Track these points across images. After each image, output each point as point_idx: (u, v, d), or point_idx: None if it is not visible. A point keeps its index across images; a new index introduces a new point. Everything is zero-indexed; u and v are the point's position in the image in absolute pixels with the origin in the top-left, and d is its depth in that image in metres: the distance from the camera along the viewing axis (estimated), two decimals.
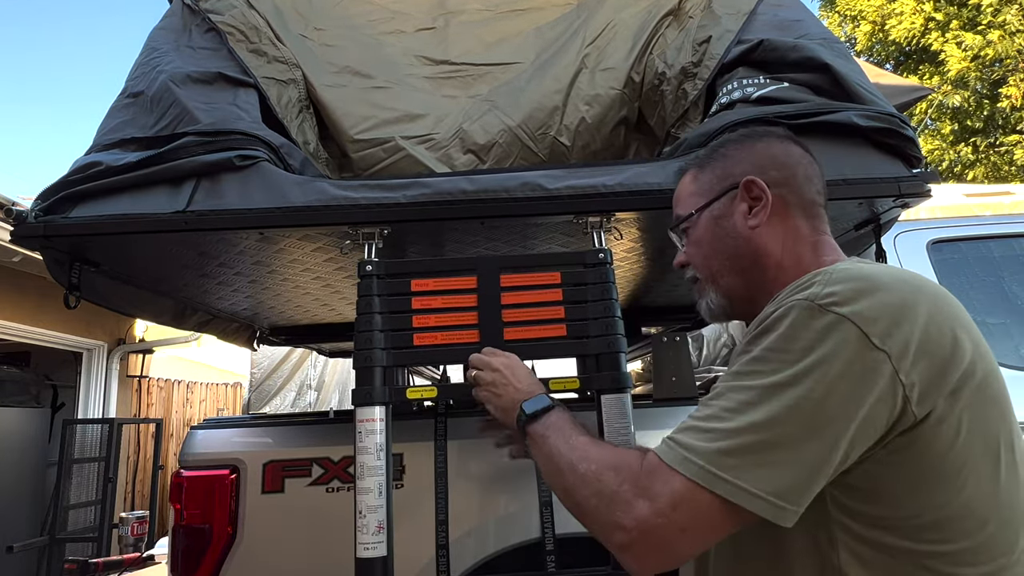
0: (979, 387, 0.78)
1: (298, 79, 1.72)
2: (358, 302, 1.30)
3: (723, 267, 1.01)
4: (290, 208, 1.34)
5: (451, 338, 1.29)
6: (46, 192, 1.37)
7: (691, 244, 1.06)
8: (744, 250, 0.98)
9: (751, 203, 0.99)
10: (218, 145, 1.38)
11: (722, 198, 1.01)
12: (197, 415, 8.11)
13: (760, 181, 0.98)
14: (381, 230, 1.37)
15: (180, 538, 1.68)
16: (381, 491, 1.20)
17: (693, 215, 1.04)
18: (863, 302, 0.76)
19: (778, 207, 0.98)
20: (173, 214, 1.33)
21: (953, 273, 2.18)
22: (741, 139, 1.06)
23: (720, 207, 1.01)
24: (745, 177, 0.99)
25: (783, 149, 1.03)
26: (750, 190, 0.98)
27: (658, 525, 0.73)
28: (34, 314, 5.29)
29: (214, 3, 1.72)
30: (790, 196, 0.99)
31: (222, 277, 1.77)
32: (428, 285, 1.31)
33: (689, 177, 1.09)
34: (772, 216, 0.97)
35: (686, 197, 1.08)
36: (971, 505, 0.74)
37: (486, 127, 1.71)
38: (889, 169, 1.36)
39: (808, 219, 0.99)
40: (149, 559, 4.80)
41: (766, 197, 0.97)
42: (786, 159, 1.01)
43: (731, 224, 1.00)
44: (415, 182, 1.38)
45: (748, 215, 0.98)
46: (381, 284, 1.30)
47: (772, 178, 0.99)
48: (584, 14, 1.88)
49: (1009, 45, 7.90)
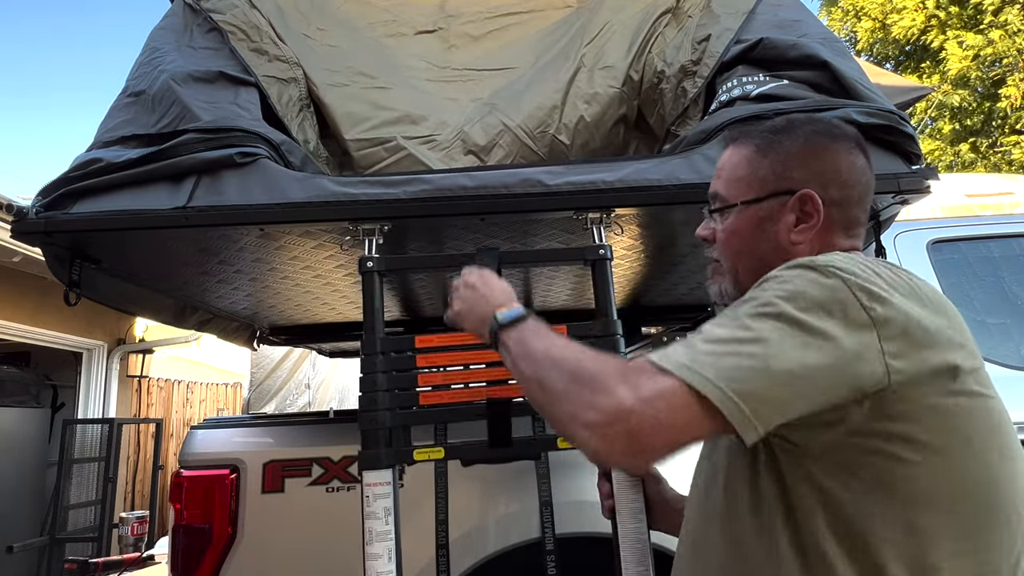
0: (970, 396, 0.78)
1: (299, 78, 1.73)
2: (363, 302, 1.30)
3: (750, 266, 0.97)
4: (290, 204, 1.34)
5: (459, 396, 1.26)
6: (47, 188, 1.37)
7: (724, 230, 1.01)
8: (777, 259, 0.93)
9: (800, 216, 0.95)
10: (218, 142, 1.39)
11: (772, 199, 0.96)
12: (197, 415, 8.11)
13: (818, 200, 0.93)
14: (381, 226, 1.37)
15: (180, 538, 1.68)
16: (391, 556, 1.16)
17: (737, 206, 0.99)
18: (857, 270, 0.79)
19: (825, 224, 0.94)
20: (174, 210, 1.34)
21: (953, 273, 2.18)
22: (814, 135, 0.99)
23: (768, 208, 0.96)
24: (804, 190, 0.94)
25: (850, 163, 0.97)
26: (804, 204, 0.94)
27: (635, 411, 0.72)
28: (34, 314, 5.29)
29: (215, 2, 1.73)
30: (839, 216, 0.96)
31: (222, 274, 1.77)
32: (433, 341, 1.27)
33: (746, 153, 1.00)
34: (815, 232, 0.95)
35: (735, 177, 1.00)
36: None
37: (486, 129, 1.72)
38: (888, 165, 1.36)
39: (848, 237, 0.97)
40: (149, 559, 4.80)
41: (818, 217, 0.93)
42: (849, 176, 0.96)
43: (774, 231, 0.95)
44: (415, 178, 1.38)
45: (794, 228, 0.95)
46: (385, 355, 1.26)
47: (831, 197, 0.95)
48: (583, 16, 1.89)
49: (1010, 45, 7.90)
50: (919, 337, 0.76)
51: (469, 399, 1.26)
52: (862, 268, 0.80)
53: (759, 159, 0.99)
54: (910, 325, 0.76)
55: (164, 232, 1.38)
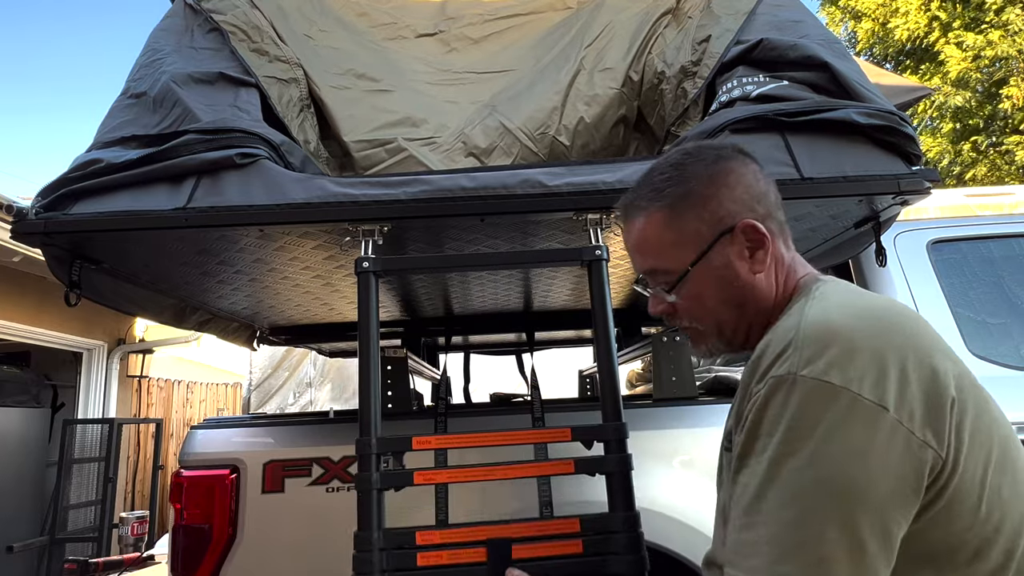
0: (976, 417, 0.78)
1: (299, 78, 1.73)
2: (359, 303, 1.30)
3: (730, 317, 0.96)
4: (290, 205, 1.34)
5: (457, 557, 1.21)
6: (47, 189, 1.37)
7: (685, 298, 0.97)
8: (749, 296, 0.94)
9: (750, 246, 0.93)
10: (219, 143, 1.39)
11: (717, 246, 0.93)
12: (197, 415, 8.11)
13: (759, 225, 0.92)
14: (381, 227, 1.37)
15: (180, 538, 1.68)
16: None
17: (689, 271, 0.95)
18: (842, 362, 0.76)
19: (771, 242, 0.94)
20: (174, 211, 1.34)
21: (953, 273, 2.18)
22: (712, 166, 0.96)
23: (717, 256, 0.93)
24: (740, 221, 0.93)
25: (754, 174, 0.97)
26: (748, 234, 0.93)
27: None
28: (34, 314, 5.29)
29: (216, 3, 1.73)
30: (773, 225, 0.95)
31: (222, 275, 1.77)
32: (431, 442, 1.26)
33: (659, 217, 0.96)
34: (769, 254, 0.94)
35: (665, 245, 0.96)
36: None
37: (487, 131, 1.72)
38: (888, 166, 1.36)
39: (783, 241, 0.97)
40: (149, 559, 4.80)
41: (765, 239, 0.92)
42: (759, 187, 0.96)
43: (734, 274, 0.93)
44: (415, 179, 1.38)
45: (750, 260, 0.93)
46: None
47: (761, 214, 0.94)
48: (583, 17, 1.90)
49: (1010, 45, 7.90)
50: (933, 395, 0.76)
51: (470, 560, 1.21)
52: (853, 345, 0.77)
53: (678, 217, 0.95)
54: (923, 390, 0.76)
55: (164, 233, 1.37)
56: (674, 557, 1.61)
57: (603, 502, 1.32)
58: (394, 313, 2.44)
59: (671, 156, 1.01)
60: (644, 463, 1.59)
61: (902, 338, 0.79)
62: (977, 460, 0.76)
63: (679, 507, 1.63)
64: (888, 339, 0.78)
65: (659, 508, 1.64)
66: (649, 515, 1.57)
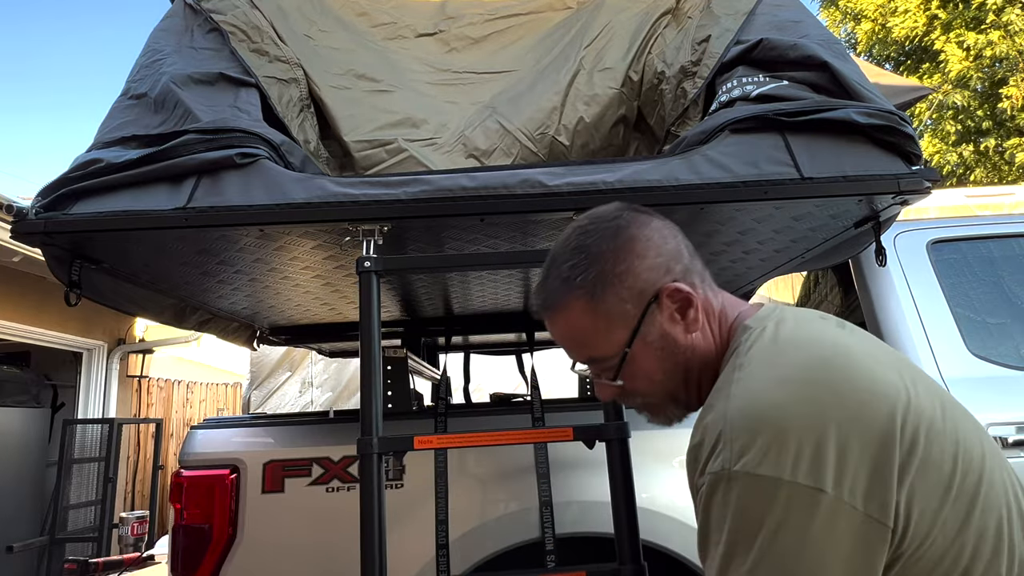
0: (924, 457, 0.75)
1: (299, 78, 1.73)
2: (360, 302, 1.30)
3: (679, 383, 0.94)
4: (290, 205, 1.34)
5: None
6: (47, 189, 1.37)
7: (630, 379, 0.94)
8: (692, 357, 0.92)
9: (679, 308, 0.91)
10: (219, 143, 1.39)
11: (645, 320, 0.90)
12: (197, 415, 8.11)
13: (681, 286, 0.90)
14: (381, 227, 1.37)
15: (180, 538, 1.68)
16: None
17: (627, 352, 0.91)
18: (775, 450, 0.73)
19: (698, 296, 0.92)
20: (174, 211, 1.34)
21: (953, 273, 2.18)
22: (614, 237, 0.92)
23: (649, 330, 0.91)
24: (661, 287, 0.90)
25: (657, 233, 0.93)
26: (673, 297, 0.90)
27: None
28: (34, 314, 5.29)
29: (216, 3, 1.73)
30: (694, 278, 0.93)
31: (222, 275, 1.77)
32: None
33: (580, 306, 0.92)
34: (700, 310, 0.91)
35: (593, 333, 0.92)
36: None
37: (487, 132, 1.72)
38: (888, 166, 1.36)
39: (708, 287, 0.95)
40: (149, 559, 4.80)
41: (692, 296, 0.90)
42: (666, 241, 0.93)
43: (672, 341, 0.91)
44: (415, 179, 1.39)
45: (682, 322, 0.91)
46: None
47: (678, 272, 0.92)
48: (582, 17, 1.90)
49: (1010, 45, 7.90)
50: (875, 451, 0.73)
51: None
52: (786, 427, 0.74)
53: (600, 302, 0.91)
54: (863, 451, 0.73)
55: (164, 233, 1.37)
56: (674, 557, 1.61)
57: (605, 502, 1.32)
58: (394, 313, 2.44)
59: (569, 239, 0.96)
60: (644, 463, 1.59)
61: (836, 396, 0.76)
62: (934, 504, 0.74)
63: (679, 507, 1.63)
64: (820, 406, 0.75)
65: (659, 508, 1.64)
66: (649, 515, 1.57)
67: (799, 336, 0.84)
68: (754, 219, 1.55)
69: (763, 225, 1.60)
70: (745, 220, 1.56)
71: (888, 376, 0.79)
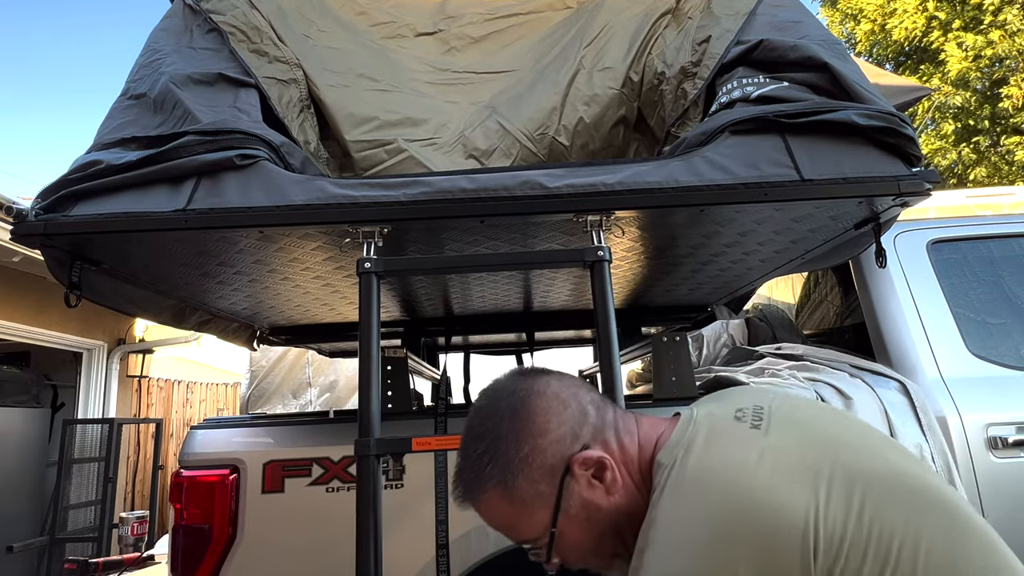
0: (844, 569, 0.75)
1: (299, 79, 1.73)
2: (360, 304, 1.30)
3: (613, 541, 0.93)
4: (290, 206, 1.34)
5: None
6: (47, 190, 1.37)
7: (567, 553, 0.92)
8: (619, 516, 0.91)
9: (594, 474, 0.90)
10: (219, 144, 1.39)
11: (564, 494, 0.89)
12: (197, 415, 8.11)
13: (590, 454, 0.89)
14: (381, 229, 1.37)
15: (180, 538, 1.68)
16: None
17: (554, 532, 0.90)
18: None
19: (610, 456, 0.90)
20: (174, 212, 1.34)
21: (953, 273, 2.18)
22: (509, 425, 0.91)
23: (570, 502, 0.89)
24: (571, 458, 0.89)
25: (555, 400, 0.92)
26: (585, 466, 0.89)
27: None
28: (34, 314, 5.29)
29: (216, 3, 1.73)
30: (606, 434, 0.92)
31: (222, 276, 1.77)
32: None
33: (496, 495, 0.91)
34: (616, 470, 0.90)
35: (519, 517, 0.91)
36: None
37: (487, 133, 1.72)
38: (888, 168, 1.36)
39: (621, 432, 0.93)
40: (149, 559, 4.80)
41: (605, 458, 0.89)
42: (566, 410, 0.92)
43: (595, 508, 0.90)
44: (415, 180, 1.38)
45: (602, 486, 0.90)
46: None
47: (586, 437, 0.90)
48: (582, 17, 1.89)
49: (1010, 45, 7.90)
50: None
51: None
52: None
53: (513, 488, 0.90)
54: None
55: (164, 234, 1.37)
56: None
57: None
58: (394, 313, 2.44)
59: (473, 424, 0.95)
60: None
61: (741, 546, 0.76)
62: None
63: None
64: (726, 563, 0.76)
65: None
66: None
67: (702, 476, 0.83)
68: (754, 221, 1.55)
69: (763, 227, 1.60)
70: (745, 222, 1.56)
71: (795, 499, 0.77)
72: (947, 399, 1.92)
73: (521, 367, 1.00)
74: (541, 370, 0.97)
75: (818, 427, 0.88)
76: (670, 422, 0.97)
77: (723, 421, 0.90)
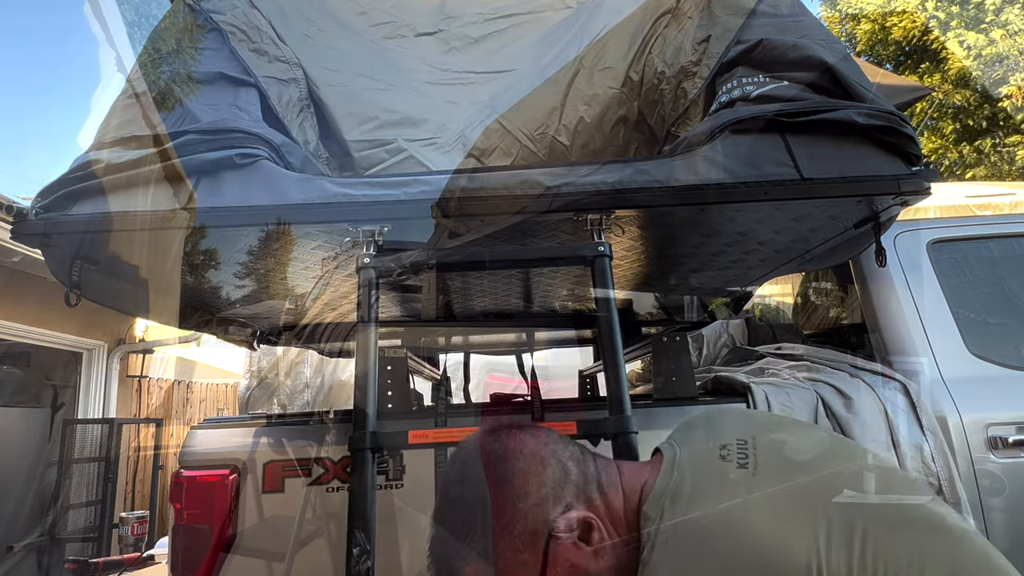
0: None
1: (299, 78, 1.73)
2: (359, 302, 1.30)
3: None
4: (290, 205, 1.34)
5: None
6: (47, 190, 1.37)
7: None
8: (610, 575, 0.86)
9: (580, 536, 0.86)
10: (218, 143, 1.39)
11: (548, 561, 0.84)
12: (197, 415, 8.11)
13: (574, 514, 0.85)
14: (381, 227, 1.37)
15: (180, 538, 1.68)
16: None
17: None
18: None
19: (594, 514, 0.87)
20: (174, 212, 1.33)
21: (953, 273, 2.18)
22: (483, 490, 0.87)
23: (555, 568, 0.84)
24: (553, 523, 0.84)
25: (533, 460, 0.88)
26: (570, 527, 0.85)
27: None
28: (34, 314, 5.29)
29: (216, 3, 1.73)
30: (588, 490, 0.87)
31: (222, 275, 1.77)
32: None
33: (480, 571, 0.87)
34: (601, 528, 0.86)
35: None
36: None
37: (487, 132, 1.72)
38: (888, 167, 1.36)
39: (605, 485, 0.89)
40: (149, 559, 4.79)
41: (591, 518, 0.85)
42: (545, 470, 0.87)
43: (583, 571, 0.85)
44: (415, 180, 1.38)
45: (588, 547, 0.85)
46: None
47: (569, 497, 0.86)
48: (582, 17, 1.89)
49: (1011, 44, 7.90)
50: None
51: None
52: None
53: (496, 560, 0.86)
54: None
55: (164, 234, 1.37)
56: None
57: None
58: (394, 313, 2.44)
59: (451, 492, 0.91)
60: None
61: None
62: None
63: None
64: None
65: None
66: None
67: (698, 530, 0.79)
68: (754, 220, 1.55)
69: (763, 226, 1.60)
70: (745, 221, 1.56)
71: (798, 543, 0.76)
72: (947, 399, 1.92)
73: (491, 423, 0.95)
74: (513, 425, 0.93)
75: (806, 461, 0.86)
76: (652, 466, 0.93)
77: (708, 463, 0.86)
